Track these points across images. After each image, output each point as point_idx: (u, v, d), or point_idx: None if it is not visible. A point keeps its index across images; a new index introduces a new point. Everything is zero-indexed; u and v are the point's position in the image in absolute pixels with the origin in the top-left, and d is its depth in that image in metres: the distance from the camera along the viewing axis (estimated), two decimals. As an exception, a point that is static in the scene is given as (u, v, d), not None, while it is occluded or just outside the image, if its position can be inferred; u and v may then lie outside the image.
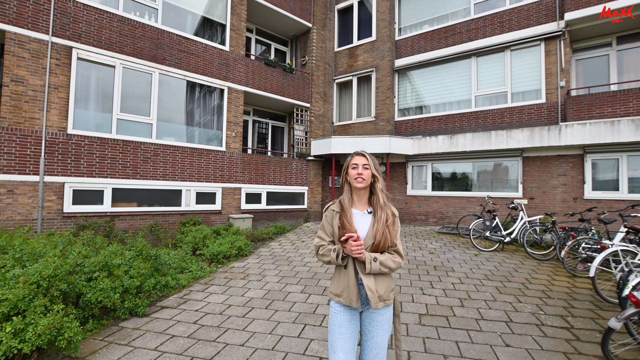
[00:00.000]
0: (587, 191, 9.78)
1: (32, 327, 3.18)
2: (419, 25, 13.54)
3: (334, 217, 2.32)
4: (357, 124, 14.37)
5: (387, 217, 2.25)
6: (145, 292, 5.06)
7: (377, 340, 2.26)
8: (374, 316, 2.27)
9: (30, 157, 7.56)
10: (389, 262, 2.18)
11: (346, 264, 2.25)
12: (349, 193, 2.35)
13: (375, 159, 2.34)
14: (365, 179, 2.26)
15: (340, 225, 2.25)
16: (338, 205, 2.35)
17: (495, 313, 4.69)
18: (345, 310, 2.27)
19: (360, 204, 2.35)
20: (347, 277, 2.24)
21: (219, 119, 11.20)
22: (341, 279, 2.28)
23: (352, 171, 2.29)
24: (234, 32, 11.55)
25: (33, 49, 7.66)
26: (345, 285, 2.24)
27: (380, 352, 2.27)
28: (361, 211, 2.33)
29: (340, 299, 2.25)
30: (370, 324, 2.28)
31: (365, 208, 2.34)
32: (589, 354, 3.61)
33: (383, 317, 2.26)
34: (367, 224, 2.28)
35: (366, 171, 2.27)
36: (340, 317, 2.26)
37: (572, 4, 9.94)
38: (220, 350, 3.71)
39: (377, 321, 2.26)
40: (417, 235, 10.19)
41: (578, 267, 6.46)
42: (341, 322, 2.25)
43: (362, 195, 2.34)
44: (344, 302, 2.23)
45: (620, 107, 9.24)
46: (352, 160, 2.32)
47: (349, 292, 2.22)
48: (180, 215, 9.86)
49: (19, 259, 4.42)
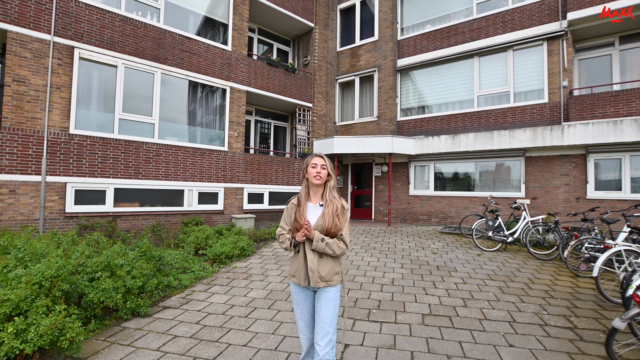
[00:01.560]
0: (590, 191, 9.75)
1: (34, 327, 3.17)
2: (422, 25, 13.52)
3: (292, 209, 2.68)
4: (360, 123, 14.36)
5: (336, 208, 2.60)
6: (147, 292, 5.05)
7: (321, 315, 2.56)
8: (319, 294, 2.62)
9: (32, 157, 7.56)
10: (334, 246, 2.53)
11: (298, 249, 2.62)
12: (306, 188, 2.70)
13: (330, 161, 2.70)
14: (322, 177, 2.62)
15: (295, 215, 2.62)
16: (297, 199, 2.71)
17: (499, 313, 4.67)
18: (300, 290, 2.68)
19: (315, 198, 2.70)
20: (298, 260, 2.63)
21: (221, 119, 11.19)
22: (295, 262, 2.68)
23: (311, 170, 2.63)
24: (236, 32, 11.55)
25: (35, 48, 7.67)
26: (297, 266, 2.64)
27: (324, 327, 2.53)
28: (315, 204, 2.69)
29: (294, 278, 2.65)
30: (317, 300, 2.63)
31: (318, 201, 2.70)
32: (592, 354, 3.59)
33: (327, 294, 2.58)
34: (318, 215, 2.63)
35: (323, 170, 2.63)
36: (297, 296, 2.70)
37: (575, 4, 9.90)
38: (223, 350, 3.70)
39: (321, 298, 2.59)
40: (420, 235, 10.17)
41: (581, 267, 6.44)
42: (298, 300, 2.69)
43: (318, 191, 2.70)
44: (296, 282, 2.64)
45: (623, 107, 9.21)
46: (311, 161, 2.65)
47: (299, 272, 2.61)
48: (183, 215, 9.86)
49: (21, 259, 4.42)
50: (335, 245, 2.54)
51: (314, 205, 2.68)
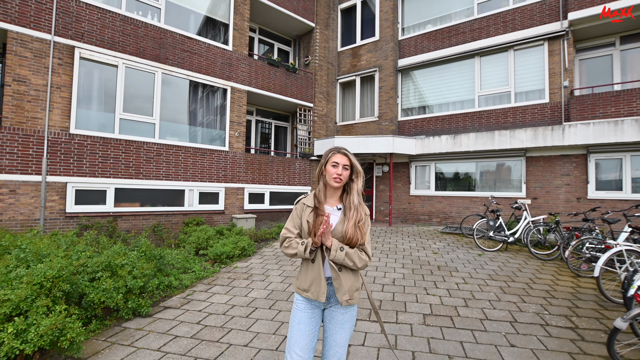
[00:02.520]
0: (591, 191, 9.74)
1: (34, 327, 3.16)
2: (422, 25, 13.51)
3: (304, 210, 2.31)
4: (360, 123, 14.35)
5: (360, 216, 2.23)
6: (148, 292, 5.05)
7: (336, 338, 2.24)
8: (334, 314, 2.26)
9: (33, 157, 7.56)
10: (355, 257, 2.15)
11: (314, 258, 2.22)
12: (324, 188, 2.32)
13: (356, 159, 2.33)
14: (342, 180, 2.24)
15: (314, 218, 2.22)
16: (311, 199, 2.32)
17: (500, 313, 4.66)
18: (308, 307, 2.26)
19: (332, 200, 2.34)
20: (314, 271, 2.22)
21: (222, 119, 11.19)
22: (309, 273, 2.25)
23: (331, 169, 2.24)
24: (237, 32, 11.55)
25: (35, 48, 7.67)
26: (313, 279, 2.22)
27: (338, 350, 2.23)
28: (331, 207, 2.32)
29: (308, 293, 2.22)
30: (330, 322, 2.27)
31: (335, 204, 2.33)
32: (594, 354, 3.58)
33: (344, 316, 2.25)
34: (335, 221, 2.27)
35: (345, 172, 2.25)
36: (300, 315, 2.25)
37: (576, 4, 9.89)
38: (224, 350, 3.70)
39: (337, 320, 2.25)
40: (421, 235, 10.16)
41: (582, 267, 6.43)
42: (301, 319, 2.24)
43: (335, 192, 2.33)
44: (311, 297, 2.20)
45: (624, 107, 9.20)
46: (332, 158, 2.27)
47: (318, 285, 2.19)
48: (183, 216, 9.86)
49: (22, 259, 4.42)
50: (357, 256, 2.16)
51: (331, 208, 2.32)
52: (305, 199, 2.36)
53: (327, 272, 2.25)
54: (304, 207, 2.31)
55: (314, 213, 2.24)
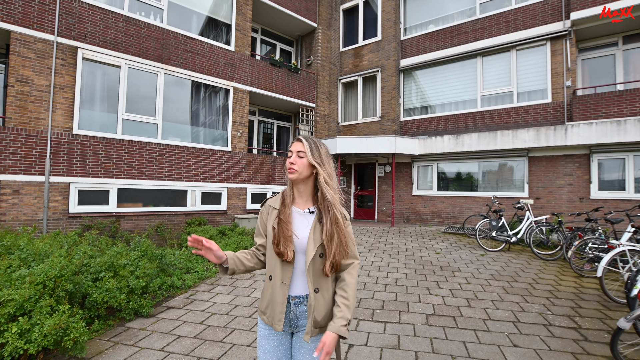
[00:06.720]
0: (594, 191, 9.71)
1: (38, 327, 3.18)
2: (425, 25, 13.50)
3: (270, 213, 1.86)
4: (363, 124, 14.35)
5: (340, 226, 1.75)
6: (151, 292, 5.06)
7: None
8: (303, 343, 1.79)
9: (36, 157, 7.58)
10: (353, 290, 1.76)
11: (270, 275, 1.79)
12: (291, 186, 1.87)
13: (321, 145, 1.84)
14: (297, 170, 1.77)
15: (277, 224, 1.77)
16: (278, 199, 1.88)
17: (503, 313, 4.65)
18: (271, 334, 1.82)
19: (302, 201, 1.87)
20: (272, 291, 1.78)
21: (225, 119, 11.21)
22: (266, 292, 1.84)
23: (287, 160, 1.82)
24: (239, 32, 11.56)
25: (38, 49, 7.69)
26: (269, 300, 1.80)
27: None
28: (302, 210, 1.85)
29: (264, 316, 1.81)
30: (298, 351, 1.81)
31: (307, 206, 1.85)
32: (597, 354, 3.57)
33: (315, 344, 1.77)
34: (307, 227, 1.80)
35: (300, 160, 1.78)
36: (265, 343, 1.82)
37: (578, 4, 9.86)
38: (227, 350, 3.70)
39: (307, 349, 1.78)
40: (423, 236, 10.16)
41: (585, 267, 6.41)
42: (266, 348, 1.81)
43: (303, 191, 1.85)
44: (266, 322, 1.79)
45: (627, 107, 9.17)
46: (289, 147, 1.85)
47: (273, 309, 1.76)
48: (186, 216, 9.87)
49: (24, 259, 4.43)
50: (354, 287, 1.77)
51: (302, 211, 1.84)
52: (272, 199, 1.91)
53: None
54: (270, 210, 1.87)
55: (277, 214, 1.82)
